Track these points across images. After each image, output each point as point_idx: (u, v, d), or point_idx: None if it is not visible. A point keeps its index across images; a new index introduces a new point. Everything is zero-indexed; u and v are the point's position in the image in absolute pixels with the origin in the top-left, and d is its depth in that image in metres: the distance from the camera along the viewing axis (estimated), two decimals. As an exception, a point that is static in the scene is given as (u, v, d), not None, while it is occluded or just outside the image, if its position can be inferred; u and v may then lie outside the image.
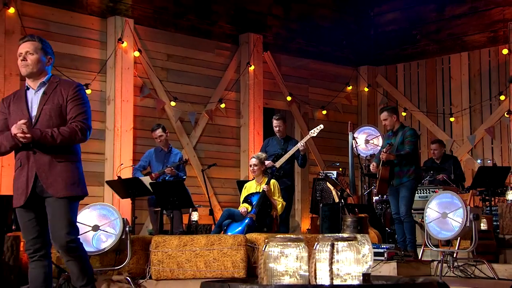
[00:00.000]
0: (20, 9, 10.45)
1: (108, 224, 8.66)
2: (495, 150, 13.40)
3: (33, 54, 5.21)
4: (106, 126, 11.40)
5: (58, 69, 10.85)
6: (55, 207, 5.12)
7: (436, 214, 9.55)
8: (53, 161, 5.14)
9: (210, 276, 8.76)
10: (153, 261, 8.72)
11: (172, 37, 12.36)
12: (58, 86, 5.27)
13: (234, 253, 8.86)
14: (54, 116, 5.17)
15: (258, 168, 10.50)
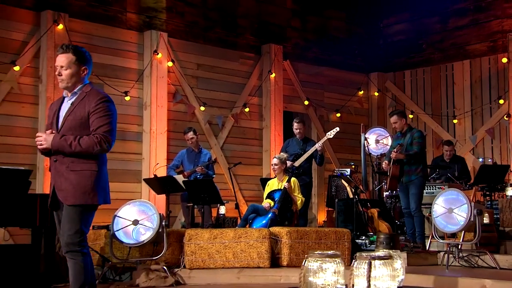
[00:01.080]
0: (68, 26, 10.51)
1: (146, 218, 8.79)
2: (495, 149, 13.41)
3: (67, 69, 5.00)
4: (143, 129, 11.47)
5: (101, 78, 11.00)
6: (65, 213, 4.95)
7: (442, 209, 9.62)
8: (69, 170, 4.92)
9: (237, 265, 8.86)
10: (186, 252, 8.84)
11: (201, 48, 12.42)
12: (85, 97, 5.00)
13: (259, 245, 8.97)
14: (75, 127, 4.94)
15: (279, 167, 10.62)
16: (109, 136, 4.97)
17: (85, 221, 4.99)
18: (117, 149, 11.00)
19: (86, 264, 4.94)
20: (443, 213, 9.58)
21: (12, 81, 10.12)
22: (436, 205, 9.70)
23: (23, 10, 10.31)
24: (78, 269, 4.90)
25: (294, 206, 10.37)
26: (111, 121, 5.01)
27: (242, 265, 8.89)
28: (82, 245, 4.94)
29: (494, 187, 11.57)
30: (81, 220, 4.93)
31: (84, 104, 4.96)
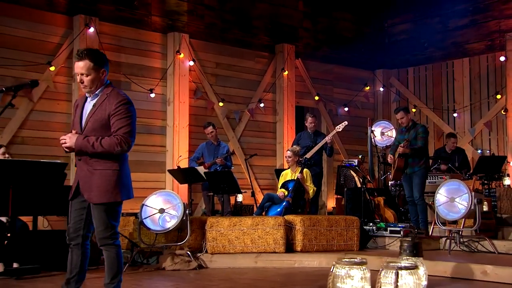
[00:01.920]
0: (98, 28, 10.61)
1: (171, 207, 8.92)
2: (492, 141, 13.46)
3: (88, 76, 4.84)
4: (167, 123, 11.59)
5: (128, 77, 11.15)
6: (93, 211, 4.88)
7: (445, 198, 9.70)
8: (92, 169, 4.84)
9: (255, 251, 8.95)
10: (208, 238, 8.96)
11: (219, 48, 12.50)
12: (106, 99, 4.87)
13: (275, 232, 9.09)
14: (97, 128, 4.81)
15: (292, 159, 10.72)
16: (129, 137, 4.85)
17: (113, 215, 4.91)
18: (143, 142, 11.20)
19: (119, 255, 4.94)
20: (446, 202, 9.67)
21: (48, 80, 10.25)
22: (439, 194, 9.79)
23: (57, 15, 10.41)
24: (112, 260, 4.89)
25: (307, 195, 10.47)
26: (130, 122, 4.88)
27: (259, 250, 9.00)
28: (114, 237, 4.90)
29: (492, 177, 11.62)
30: (108, 216, 4.87)
31: (105, 106, 4.84)
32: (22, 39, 10.08)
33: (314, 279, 7.52)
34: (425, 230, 10.26)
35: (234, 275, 7.93)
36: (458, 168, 12.07)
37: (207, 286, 6.99)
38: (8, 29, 9.93)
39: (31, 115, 10.09)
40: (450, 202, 9.66)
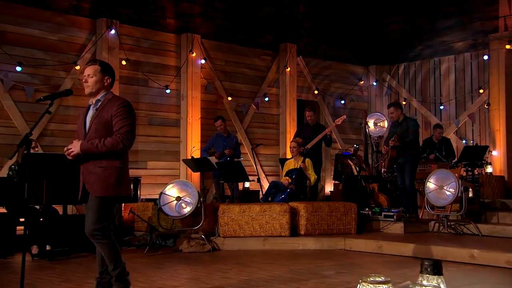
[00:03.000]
0: (119, 30, 10.61)
1: (187, 195, 8.96)
2: (475, 131, 13.47)
3: (93, 77, 4.88)
4: (181, 117, 11.61)
5: (145, 75, 11.17)
6: (91, 202, 4.82)
7: (434, 186, 9.78)
8: (96, 166, 4.79)
9: (263, 234, 9.03)
10: (220, 223, 9.04)
11: (228, 47, 12.49)
12: (108, 103, 4.88)
13: (281, 217, 9.15)
14: (101, 129, 4.81)
15: (296, 149, 10.76)
16: (130, 135, 4.83)
17: (108, 211, 4.85)
18: (160, 133, 11.26)
19: (112, 245, 4.84)
20: (435, 189, 9.74)
21: (74, 78, 10.26)
22: (429, 182, 9.84)
23: (82, 18, 10.42)
24: (109, 250, 4.83)
25: (308, 182, 10.53)
26: (130, 122, 4.87)
27: (266, 234, 9.08)
28: (103, 230, 4.79)
29: (475, 164, 11.69)
30: (103, 210, 4.80)
31: (108, 109, 4.84)
32: (51, 41, 10.09)
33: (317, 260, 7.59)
34: (415, 214, 10.36)
35: (246, 257, 7.96)
36: (444, 157, 12.11)
37: (222, 269, 6.99)
38: (38, 31, 9.93)
39: (59, 110, 10.11)
40: (439, 189, 9.71)
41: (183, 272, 6.82)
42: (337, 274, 6.55)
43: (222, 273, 6.66)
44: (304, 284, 5.99)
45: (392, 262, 7.60)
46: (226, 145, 11.24)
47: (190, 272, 6.84)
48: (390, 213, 10.28)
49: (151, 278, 6.33)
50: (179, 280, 6.27)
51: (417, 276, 2.41)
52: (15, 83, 9.61)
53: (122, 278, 4.89)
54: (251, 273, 6.69)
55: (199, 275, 6.55)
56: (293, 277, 6.39)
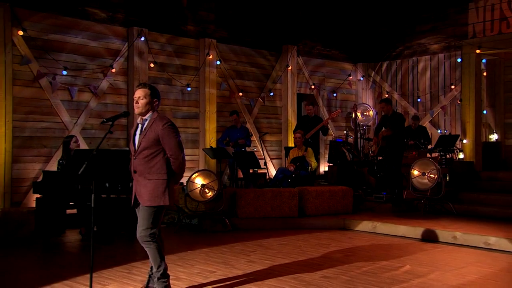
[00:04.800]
0: (148, 37, 10.41)
1: (210, 182, 8.90)
2: (447, 121, 13.41)
3: (143, 99, 4.75)
4: (199, 110, 11.43)
5: (170, 74, 11.00)
6: (141, 211, 4.76)
7: (418, 173, 9.81)
8: (145, 179, 4.72)
9: (275, 215, 9.02)
10: (239, 206, 9.03)
11: (240, 49, 12.27)
12: (153, 123, 4.73)
13: (290, 201, 9.12)
14: (148, 147, 4.70)
15: (300, 139, 10.68)
16: (177, 150, 4.72)
17: (155, 218, 4.74)
18: (183, 125, 11.14)
19: (158, 249, 4.76)
20: (418, 176, 9.75)
21: (110, 79, 10.10)
22: (413, 169, 9.83)
23: (116, 27, 10.20)
24: (154, 254, 4.76)
25: (310, 168, 10.50)
26: (175, 141, 4.72)
27: (278, 215, 9.07)
28: (151, 236, 4.72)
29: (448, 150, 11.66)
30: (151, 218, 4.71)
31: (154, 128, 4.70)
32: (90, 47, 9.88)
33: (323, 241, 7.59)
34: (400, 195, 10.35)
35: (263, 238, 7.91)
36: (422, 143, 12.10)
37: (245, 251, 6.95)
38: (79, 39, 9.73)
39: (97, 106, 9.96)
40: (422, 175, 9.72)
41: (213, 255, 6.74)
42: (345, 257, 6.53)
43: (246, 256, 6.61)
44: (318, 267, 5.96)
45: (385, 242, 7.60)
46: (239, 136, 11.19)
47: (219, 254, 6.76)
48: (380, 195, 10.30)
49: (188, 262, 6.28)
50: (213, 264, 6.20)
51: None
52: (61, 84, 9.44)
53: (163, 280, 4.82)
54: (273, 256, 6.65)
55: (227, 259, 6.49)
56: (307, 260, 6.36)
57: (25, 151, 8.98)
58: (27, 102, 9.04)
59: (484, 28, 11.81)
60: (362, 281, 5.38)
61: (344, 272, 5.75)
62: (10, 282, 5.52)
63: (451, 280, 5.44)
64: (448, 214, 9.51)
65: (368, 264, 6.13)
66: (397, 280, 5.44)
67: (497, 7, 11.70)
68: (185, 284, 5.33)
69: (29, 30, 8.99)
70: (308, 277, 5.52)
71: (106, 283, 5.41)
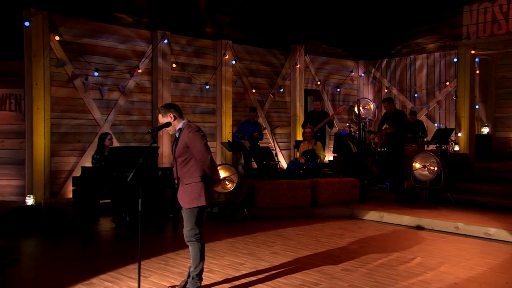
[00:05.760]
0: (170, 39, 10.30)
1: (231, 175, 8.91)
2: (441, 115, 13.38)
3: (162, 119, 4.80)
4: (216, 106, 11.36)
5: (190, 73, 10.93)
6: (184, 214, 4.74)
7: (420, 165, 9.81)
8: (183, 184, 4.70)
9: (289, 205, 9.02)
10: (256, 197, 9.02)
11: (253, 49, 12.15)
12: (182, 132, 4.71)
13: (303, 192, 9.11)
14: (181, 154, 4.67)
15: (310, 134, 10.69)
16: (205, 154, 4.65)
17: (198, 219, 4.71)
18: (201, 120, 11.11)
19: (201, 249, 4.75)
20: (420, 168, 9.76)
21: (137, 79, 10.03)
22: (415, 162, 9.83)
23: (142, 30, 10.10)
24: (195, 253, 4.74)
25: (319, 160, 10.51)
26: (202, 145, 4.66)
27: (292, 205, 9.08)
28: (196, 236, 4.72)
29: (444, 142, 11.65)
30: (194, 219, 4.69)
31: (182, 136, 4.68)
32: (119, 50, 9.78)
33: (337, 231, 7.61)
34: (401, 184, 10.36)
35: (280, 227, 7.91)
36: (419, 136, 12.07)
37: (267, 242, 6.96)
38: (108, 42, 9.63)
39: (125, 104, 9.91)
40: (423, 168, 9.72)
41: (238, 246, 6.75)
42: (360, 249, 6.55)
43: (269, 247, 6.61)
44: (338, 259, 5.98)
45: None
46: (254, 130, 11.16)
47: (244, 245, 6.77)
48: (383, 185, 10.31)
49: (217, 253, 6.28)
50: (240, 256, 6.21)
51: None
52: (93, 84, 9.39)
53: (197, 280, 4.79)
54: (294, 247, 6.66)
55: (252, 250, 6.51)
56: (327, 252, 6.38)
57: (61, 146, 8.96)
58: (63, 101, 8.99)
59: (477, 30, 11.73)
60: (381, 274, 5.39)
61: (362, 264, 5.77)
62: (59, 274, 5.54)
63: (462, 273, 5.46)
64: (447, 203, 9.51)
65: (383, 256, 6.14)
66: (412, 273, 5.45)
67: (489, 10, 11.61)
68: (219, 276, 5.34)
69: (64, 35, 8.91)
70: (331, 270, 5.53)
71: (147, 275, 5.42)
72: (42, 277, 5.43)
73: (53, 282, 5.22)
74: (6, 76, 8.55)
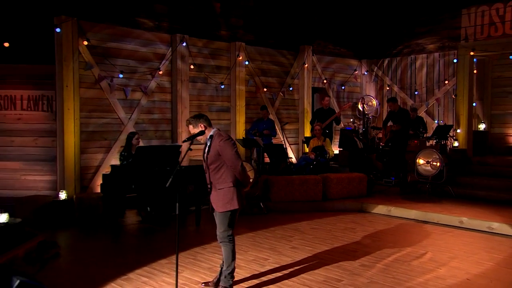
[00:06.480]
0: (189, 42, 10.28)
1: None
2: (440, 111, 13.40)
3: (193, 130, 4.76)
4: (231, 105, 11.36)
5: (206, 74, 10.93)
6: (217, 216, 4.74)
7: (423, 161, 9.83)
8: (216, 189, 4.69)
9: (302, 199, 9.02)
10: (271, 192, 9.04)
11: (264, 50, 12.12)
12: (213, 140, 4.69)
13: (315, 187, 9.12)
14: (214, 160, 4.64)
15: (320, 131, 10.69)
16: (236, 161, 4.63)
17: (230, 221, 4.72)
18: (217, 117, 11.10)
19: (232, 250, 4.76)
20: (423, 164, 9.78)
21: (157, 80, 10.02)
22: (418, 158, 9.85)
23: (162, 34, 10.06)
24: (228, 253, 4.75)
25: (328, 155, 10.52)
26: (232, 152, 4.63)
27: (305, 199, 9.10)
28: (230, 238, 4.74)
29: (443, 138, 11.68)
30: (226, 221, 4.70)
31: (214, 144, 4.66)
32: (141, 53, 9.76)
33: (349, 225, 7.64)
34: (405, 178, 10.39)
35: (295, 221, 7.94)
36: (420, 132, 12.08)
37: (285, 236, 6.98)
38: (131, 46, 9.61)
39: (147, 103, 9.91)
40: (427, 163, 9.74)
41: (259, 240, 6.77)
42: (374, 243, 6.59)
43: (288, 242, 6.63)
44: (354, 254, 6.02)
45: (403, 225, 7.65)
46: (266, 127, 11.15)
47: (264, 240, 6.79)
48: (389, 180, 10.34)
49: (241, 248, 6.29)
50: (262, 250, 6.23)
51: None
52: (118, 85, 9.38)
53: (229, 278, 4.80)
54: (311, 242, 6.68)
55: (273, 244, 6.52)
56: (343, 247, 6.41)
57: (89, 143, 8.98)
58: (90, 102, 8.99)
59: (475, 31, 11.67)
60: (397, 270, 5.41)
61: (377, 260, 5.80)
62: (98, 268, 5.58)
63: (472, 268, 5.49)
64: (448, 196, 9.54)
65: (396, 250, 6.18)
66: (426, 269, 5.48)
67: (486, 14, 11.54)
68: (246, 272, 5.36)
69: (91, 40, 8.89)
70: (349, 266, 5.56)
71: (179, 270, 5.44)
72: (83, 271, 5.47)
73: (92, 276, 5.26)
74: (39, 78, 8.55)
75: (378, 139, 12.45)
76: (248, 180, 4.86)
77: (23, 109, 8.56)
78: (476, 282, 5.08)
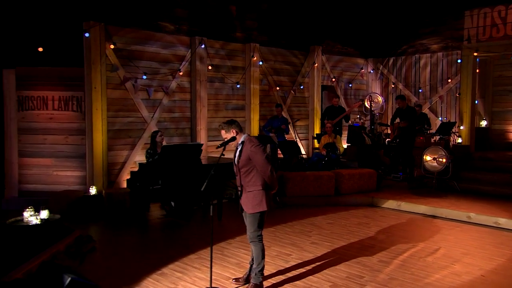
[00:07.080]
0: (207, 44, 10.26)
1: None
2: (443, 109, 13.41)
3: (225, 135, 4.79)
4: (246, 103, 11.36)
5: (223, 74, 10.96)
6: (247, 217, 4.75)
7: (430, 158, 9.84)
8: (246, 191, 4.70)
9: (316, 194, 9.03)
10: (287, 187, 9.04)
11: (276, 51, 12.09)
12: (244, 145, 4.70)
13: (328, 182, 9.12)
14: (245, 164, 4.65)
15: (331, 128, 10.70)
16: (266, 166, 4.61)
17: (259, 222, 4.73)
18: (233, 115, 11.12)
19: (262, 249, 4.77)
20: (430, 160, 9.78)
21: (178, 80, 10.01)
22: (425, 155, 9.85)
23: (182, 37, 10.05)
24: (258, 252, 4.77)
25: (338, 152, 10.54)
26: (263, 158, 4.62)
27: (318, 194, 9.12)
28: (259, 237, 4.76)
29: (447, 134, 11.67)
30: (256, 222, 4.71)
31: (245, 149, 4.67)
32: (163, 55, 9.77)
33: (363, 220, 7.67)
34: (411, 173, 10.40)
35: (311, 216, 7.96)
36: (425, 128, 12.06)
37: (304, 231, 7.01)
38: (154, 48, 9.62)
39: (168, 103, 9.93)
40: (433, 160, 9.74)
41: (280, 235, 6.78)
42: (388, 238, 6.62)
43: (307, 237, 6.65)
44: (372, 250, 6.06)
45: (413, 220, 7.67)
46: (280, 124, 11.16)
47: (284, 235, 6.80)
48: (397, 175, 10.35)
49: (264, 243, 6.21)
50: (285, 246, 6.22)
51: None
52: (141, 86, 9.41)
53: (260, 275, 4.82)
54: (329, 237, 6.71)
55: (293, 240, 6.53)
56: (360, 242, 6.44)
57: (116, 141, 9.03)
58: (116, 102, 9.02)
59: (478, 33, 11.60)
60: (414, 266, 5.43)
61: (394, 255, 5.82)
62: (132, 262, 5.62)
63: (485, 264, 5.51)
64: (453, 191, 9.55)
65: (410, 246, 6.20)
66: (441, 264, 5.50)
67: (489, 15, 11.46)
68: (272, 267, 5.39)
69: (117, 43, 8.90)
70: (368, 262, 5.59)
71: (208, 265, 5.50)
72: (119, 265, 5.52)
73: (129, 270, 5.31)
74: (69, 80, 8.58)
75: (384, 135, 12.45)
76: (276, 183, 4.86)
77: (55, 109, 8.61)
78: (489, 278, 5.11)
